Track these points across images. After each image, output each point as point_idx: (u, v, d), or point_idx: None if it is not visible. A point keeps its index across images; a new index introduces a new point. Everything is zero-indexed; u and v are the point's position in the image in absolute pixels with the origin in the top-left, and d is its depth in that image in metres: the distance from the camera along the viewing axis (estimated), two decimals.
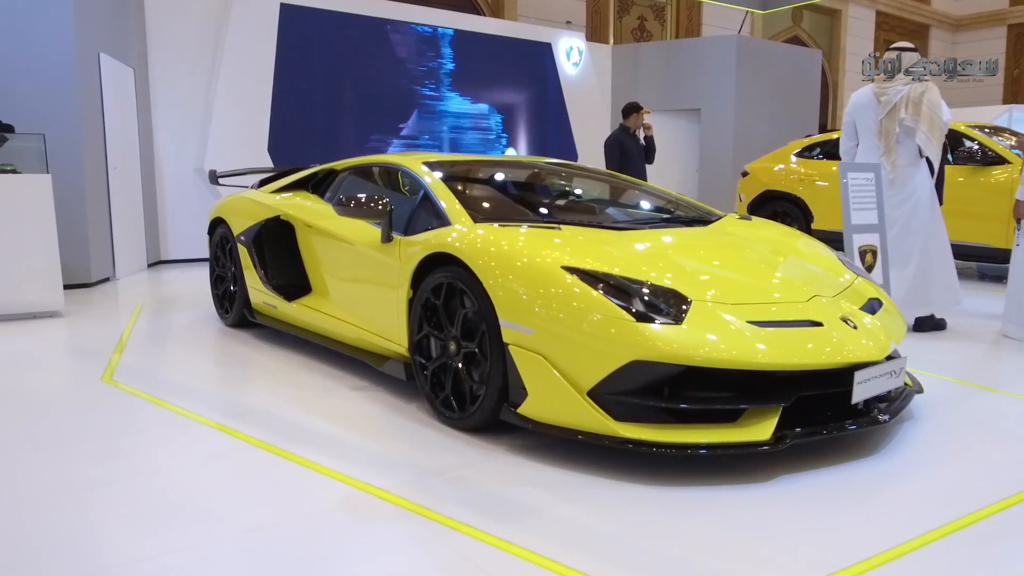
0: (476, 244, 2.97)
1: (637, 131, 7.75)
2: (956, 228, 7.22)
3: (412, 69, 10.37)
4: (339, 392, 3.60)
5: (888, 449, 2.83)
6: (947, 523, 2.28)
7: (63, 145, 6.71)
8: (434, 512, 2.30)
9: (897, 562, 2.05)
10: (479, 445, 2.88)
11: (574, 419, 2.62)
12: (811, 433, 2.61)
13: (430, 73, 10.54)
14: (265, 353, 4.43)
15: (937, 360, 4.25)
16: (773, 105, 12.23)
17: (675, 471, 2.61)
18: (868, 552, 2.09)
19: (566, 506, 2.36)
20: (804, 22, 18.22)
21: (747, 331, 2.60)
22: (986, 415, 3.31)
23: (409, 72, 10.36)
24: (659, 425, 2.59)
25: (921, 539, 2.18)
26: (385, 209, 3.45)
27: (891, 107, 4.83)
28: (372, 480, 2.54)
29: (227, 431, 3.06)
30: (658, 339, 2.51)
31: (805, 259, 3.33)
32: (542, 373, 2.67)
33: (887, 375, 2.77)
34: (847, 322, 2.80)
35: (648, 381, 2.58)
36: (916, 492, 2.51)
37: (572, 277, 2.70)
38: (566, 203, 4.14)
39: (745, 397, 2.62)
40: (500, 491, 2.47)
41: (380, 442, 2.94)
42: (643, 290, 2.68)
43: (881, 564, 2.03)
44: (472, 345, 2.95)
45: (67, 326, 5.27)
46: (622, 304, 2.60)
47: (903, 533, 2.20)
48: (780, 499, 2.43)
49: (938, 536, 2.20)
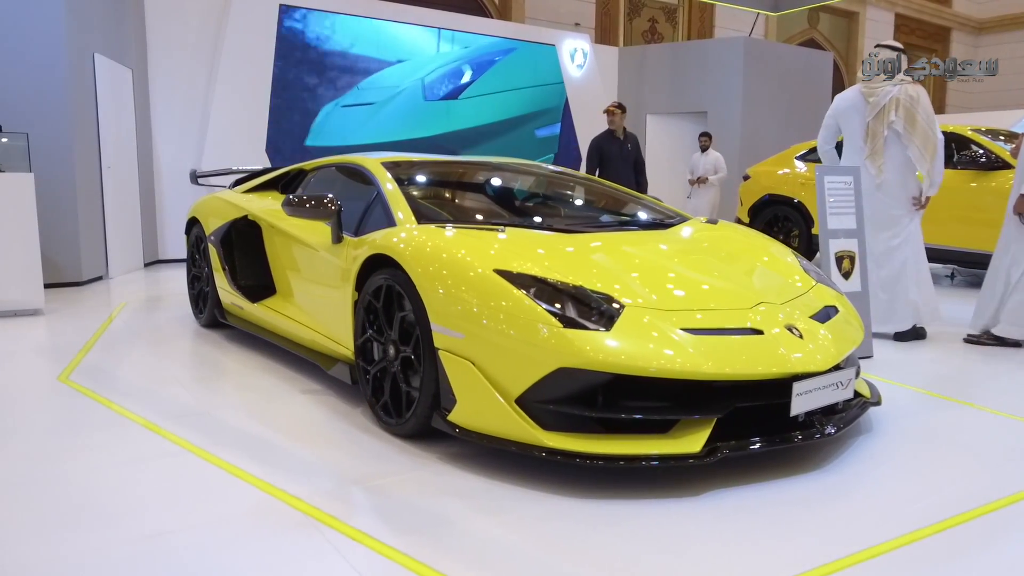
0: (412, 246, 2.90)
1: (620, 134, 7.30)
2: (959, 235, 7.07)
3: (413, 71, 10.35)
4: (288, 396, 3.54)
5: (834, 464, 2.71)
6: (882, 543, 2.16)
7: (54, 144, 6.76)
8: (342, 523, 2.23)
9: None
10: (413, 452, 2.81)
11: (501, 427, 2.54)
12: (744, 446, 2.50)
13: (431, 75, 10.50)
14: (229, 354, 4.39)
15: (909, 369, 4.11)
16: (782, 108, 12.05)
17: (606, 483, 2.51)
18: (795, 570, 1.98)
19: (481, 519, 2.28)
20: (821, 24, 17.96)
21: (680, 338, 2.50)
22: (946, 428, 3.17)
23: (409, 74, 10.33)
24: (588, 435, 2.50)
25: (852, 558, 2.07)
26: (332, 209, 3.39)
27: (880, 109, 4.69)
28: (290, 487, 2.48)
29: (162, 433, 3.01)
30: (585, 346, 2.42)
31: (761, 265, 3.21)
32: (470, 379, 2.59)
33: (832, 387, 2.65)
34: (792, 331, 2.68)
35: (577, 389, 2.49)
36: (854, 509, 2.39)
37: (503, 281, 2.61)
38: (520, 205, 4.05)
39: (679, 407, 2.52)
40: (417, 501, 2.39)
41: (313, 448, 2.87)
42: (575, 294, 2.59)
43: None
44: (408, 349, 2.87)
45: (44, 324, 5.29)
46: (551, 309, 2.52)
47: (834, 552, 2.09)
48: (708, 514, 2.33)
49: (870, 556, 2.09)
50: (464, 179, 4.15)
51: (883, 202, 4.74)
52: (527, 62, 11.22)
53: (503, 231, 3.07)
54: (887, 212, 4.72)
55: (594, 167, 7.16)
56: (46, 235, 6.80)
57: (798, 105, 12.10)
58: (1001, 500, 2.47)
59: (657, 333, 2.51)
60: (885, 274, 4.73)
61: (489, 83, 10.94)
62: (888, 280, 4.73)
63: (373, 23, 9.97)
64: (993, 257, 4.68)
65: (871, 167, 4.74)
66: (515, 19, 13.37)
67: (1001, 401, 3.55)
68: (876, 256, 4.74)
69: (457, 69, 10.66)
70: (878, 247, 4.75)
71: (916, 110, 4.63)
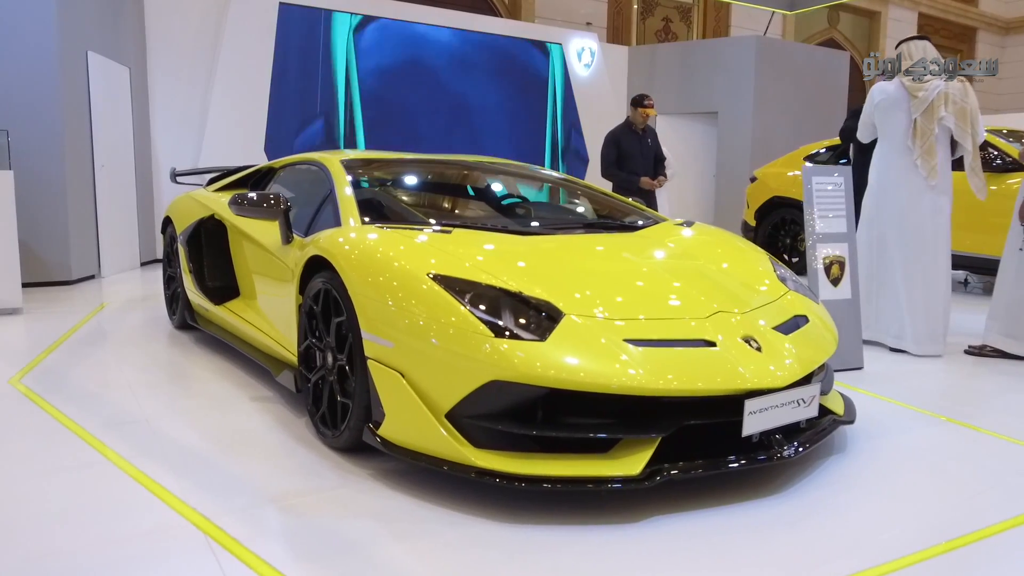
0: (346, 247, 2.73)
1: (644, 128, 6.46)
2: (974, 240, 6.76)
3: (414, 69, 10.21)
4: (237, 403, 3.39)
5: (795, 488, 2.50)
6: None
7: (43, 142, 6.70)
8: (241, 547, 2.06)
9: None
10: (345, 468, 2.64)
11: (429, 444, 2.36)
12: (689, 468, 2.29)
13: (433, 73, 10.36)
14: (192, 358, 4.26)
15: (900, 383, 3.86)
16: (796, 109, 11.73)
17: (541, 505, 2.32)
18: None
19: (393, 545, 2.10)
20: (841, 25, 17.55)
21: (621, 350, 2.30)
22: (928, 449, 2.93)
23: (411, 73, 10.19)
24: (523, 454, 2.31)
25: None
26: (279, 209, 3.24)
27: (928, 104, 4.36)
28: (202, 505, 2.32)
29: (92, 443, 2.87)
30: (516, 357, 2.23)
31: (728, 271, 3.00)
32: (398, 391, 2.42)
33: (792, 404, 2.43)
34: (750, 342, 2.47)
35: (511, 404, 2.31)
36: (808, 539, 2.17)
37: (435, 286, 2.43)
38: (481, 205, 3.86)
39: (621, 425, 2.32)
40: (331, 523, 2.22)
41: (243, 461, 2.71)
42: (512, 301, 2.40)
43: None
44: (344, 358, 2.71)
45: (18, 323, 5.21)
46: (484, 317, 2.33)
47: None
48: (646, 543, 2.13)
49: None
50: (427, 178, 3.98)
51: (934, 208, 4.39)
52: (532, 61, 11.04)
53: (450, 232, 2.89)
54: (938, 219, 4.38)
55: (611, 162, 6.39)
56: (34, 234, 6.76)
57: (813, 106, 11.76)
58: (978, 531, 2.25)
59: (598, 344, 2.32)
60: (930, 294, 4.39)
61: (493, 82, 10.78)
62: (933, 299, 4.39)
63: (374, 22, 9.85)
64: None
65: (923, 168, 4.36)
66: (524, 18, 13.19)
67: (995, 420, 3.30)
68: (921, 272, 4.38)
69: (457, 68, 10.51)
70: (921, 261, 4.39)
71: (966, 105, 4.36)
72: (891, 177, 4.49)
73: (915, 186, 4.39)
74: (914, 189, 4.40)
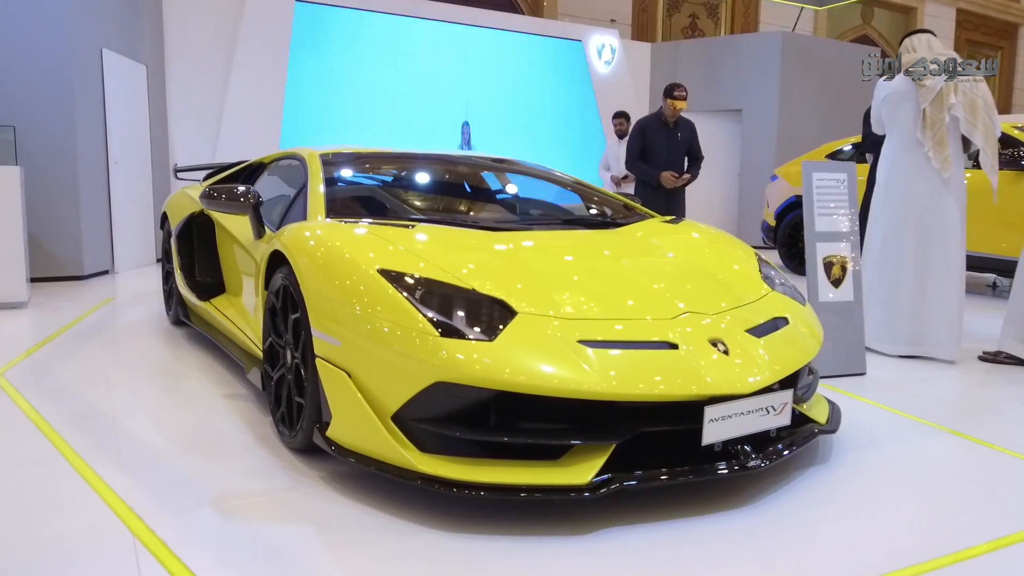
0: (302, 241, 2.65)
1: (676, 120, 5.90)
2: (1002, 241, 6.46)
3: (432, 67, 10.15)
4: (207, 401, 3.34)
5: (764, 501, 2.34)
6: None
7: (55, 139, 6.77)
8: (168, 550, 1.99)
9: None
10: (298, 470, 2.56)
11: (374, 447, 2.27)
12: (641, 479, 2.16)
13: (451, 71, 10.29)
14: (179, 354, 4.24)
15: (904, 390, 3.66)
16: (823, 106, 11.43)
17: (490, 513, 2.21)
18: None
19: (324, 553, 2.00)
20: (875, 21, 17.07)
21: (575, 351, 2.18)
22: (916, 462, 2.74)
23: (429, 70, 10.14)
24: (471, 460, 2.20)
25: None
26: (247, 203, 3.17)
27: (936, 93, 4.13)
28: (141, 505, 2.26)
29: (54, 438, 2.83)
30: (461, 358, 2.12)
31: (709, 270, 2.85)
32: (344, 391, 2.33)
33: (760, 412, 2.28)
34: (716, 345, 2.33)
35: (459, 407, 2.20)
36: (764, 555, 2.02)
37: (384, 282, 2.34)
38: (457, 201, 3.74)
39: (575, 431, 2.20)
40: (266, 528, 2.13)
41: (197, 460, 2.65)
42: (463, 299, 2.30)
43: None
44: (299, 356, 2.63)
45: (20, 317, 5.24)
46: (431, 315, 2.23)
47: None
48: (592, 556, 2.00)
49: None
50: (406, 174, 3.88)
51: (950, 203, 4.18)
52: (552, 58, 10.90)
53: (413, 226, 2.80)
54: (952, 215, 4.17)
55: (634, 155, 5.94)
56: (46, 229, 6.84)
57: (840, 103, 11.43)
58: (951, 555, 2.08)
59: (550, 345, 2.20)
60: (941, 296, 4.19)
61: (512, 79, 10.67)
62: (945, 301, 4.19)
63: (390, 19, 9.82)
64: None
65: (935, 160, 4.14)
66: (547, 16, 13.05)
67: (999, 432, 3.10)
68: (932, 273, 4.19)
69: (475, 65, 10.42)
70: (935, 258, 4.18)
71: (976, 95, 4.14)
72: (901, 173, 4.28)
73: (926, 181, 4.18)
74: (925, 184, 4.18)
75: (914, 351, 4.26)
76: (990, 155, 4.10)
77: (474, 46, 10.35)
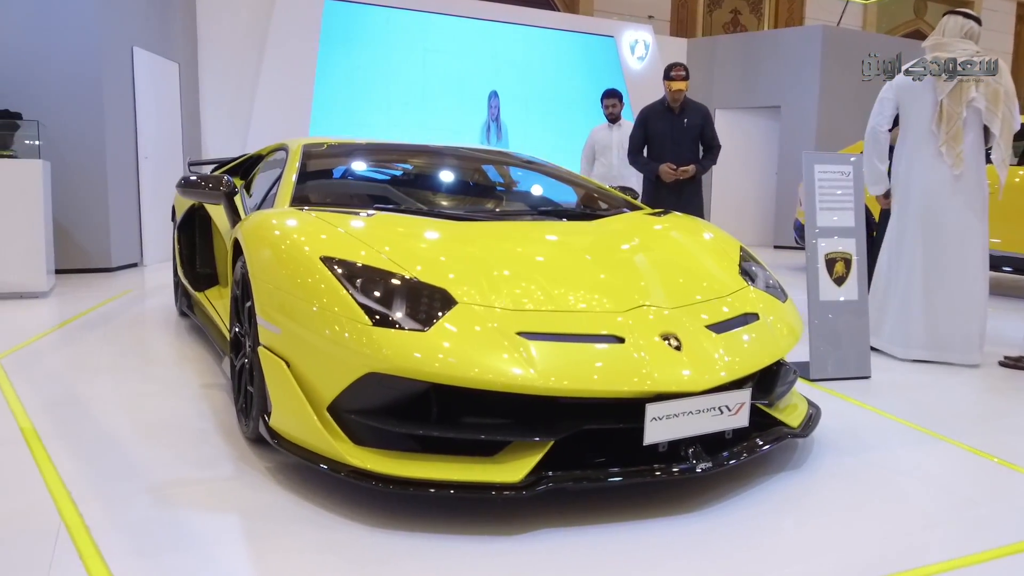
0: (255, 228, 2.62)
1: (681, 105, 5.37)
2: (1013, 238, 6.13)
3: (463, 64, 10.13)
4: (183, 390, 3.34)
5: (719, 506, 2.21)
6: None
7: (85, 134, 6.95)
8: (87, 535, 1.97)
9: None
10: (247, 460, 2.52)
11: (308, 438, 2.21)
12: (576, 479, 2.06)
13: (482, 68, 10.25)
14: (177, 343, 4.28)
15: (907, 395, 3.45)
16: (865, 102, 10.98)
17: (422, 509, 2.14)
18: None
19: (242, 546, 1.96)
20: (928, 15, 16.41)
21: (513, 343, 2.09)
22: (897, 471, 2.55)
23: (460, 67, 10.12)
24: (403, 455, 2.13)
25: None
26: (218, 191, 3.16)
27: (956, 83, 3.93)
28: (80, 490, 2.25)
29: (23, 422, 2.87)
30: (393, 348, 2.05)
31: (679, 263, 2.71)
32: (282, 381, 2.28)
33: (711, 412, 2.15)
34: (668, 340, 2.21)
35: (393, 399, 2.14)
36: (705, 565, 1.90)
37: (323, 269, 2.28)
38: (428, 191, 3.64)
39: (513, 427, 2.11)
40: (193, 517, 2.09)
41: (151, 448, 2.64)
42: (404, 288, 2.22)
43: None
44: (251, 344, 2.59)
45: (37, 307, 5.38)
46: (367, 303, 2.16)
47: None
48: (520, 557, 1.91)
49: None
50: (384, 164, 3.82)
51: (961, 202, 3.97)
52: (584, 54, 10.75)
53: (372, 215, 2.74)
54: (966, 214, 3.96)
55: (634, 147, 5.48)
56: (75, 222, 7.04)
57: None
58: (919, 568, 1.92)
59: (487, 336, 2.11)
60: (957, 298, 3.98)
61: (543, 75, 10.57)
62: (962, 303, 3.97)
63: (420, 16, 9.82)
64: None
65: (948, 155, 3.94)
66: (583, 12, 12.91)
67: (1000, 441, 2.88)
68: (946, 274, 3.98)
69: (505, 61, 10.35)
70: (951, 259, 3.97)
71: (1000, 84, 3.90)
72: (915, 168, 4.06)
73: (939, 177, 3.95)
74: (937, 180, 3.95)
75: (929, 356, 4.02)
76: (1003, 147, 3.85)
77: (503, 43, 10.29)
